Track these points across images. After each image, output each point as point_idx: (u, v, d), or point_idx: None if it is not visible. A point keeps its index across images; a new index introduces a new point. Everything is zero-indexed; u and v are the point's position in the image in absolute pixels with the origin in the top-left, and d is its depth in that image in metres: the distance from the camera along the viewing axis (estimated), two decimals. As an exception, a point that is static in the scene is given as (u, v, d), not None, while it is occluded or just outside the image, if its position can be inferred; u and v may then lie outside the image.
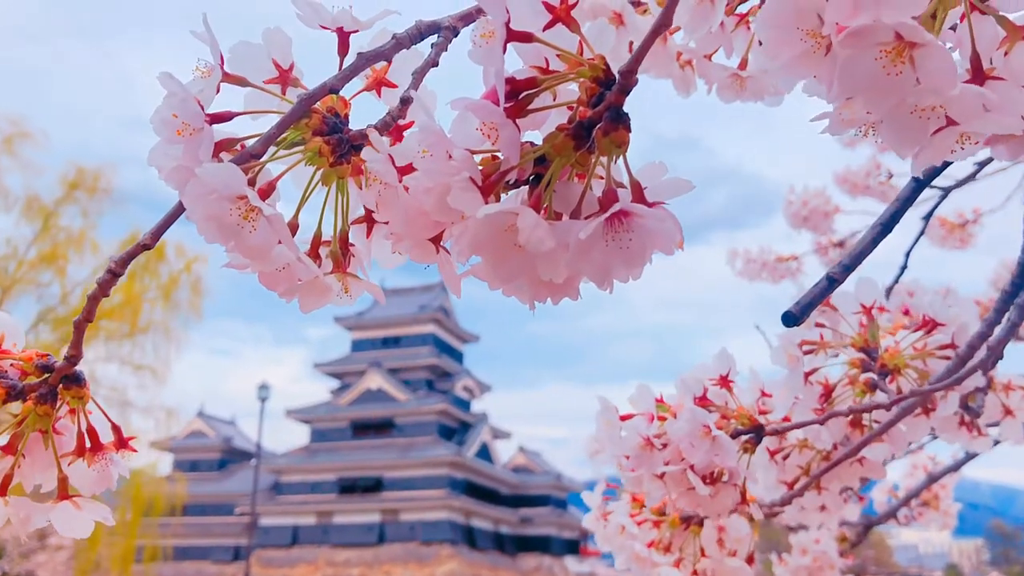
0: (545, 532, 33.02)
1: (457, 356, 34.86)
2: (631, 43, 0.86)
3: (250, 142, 0.50)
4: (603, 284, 0.45)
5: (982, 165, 1.22)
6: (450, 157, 0.43)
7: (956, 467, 1.84)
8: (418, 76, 0.51)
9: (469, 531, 30.58)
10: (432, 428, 31.06)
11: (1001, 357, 0.86)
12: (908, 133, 0.43)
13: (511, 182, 0.46)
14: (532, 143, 0.47)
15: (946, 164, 0.69)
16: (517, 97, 0.45)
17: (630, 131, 0.44)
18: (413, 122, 0.54)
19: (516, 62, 0.47)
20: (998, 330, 0.79)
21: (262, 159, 0.49)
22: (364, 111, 0.54)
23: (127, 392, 14.10)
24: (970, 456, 1.75)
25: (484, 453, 32.47)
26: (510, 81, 0.45)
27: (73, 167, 13.70)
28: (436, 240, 0.50)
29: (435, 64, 0.51)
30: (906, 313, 0.93)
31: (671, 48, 0.82)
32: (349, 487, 31.13)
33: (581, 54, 0.46)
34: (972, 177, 1.23)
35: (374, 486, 30.82)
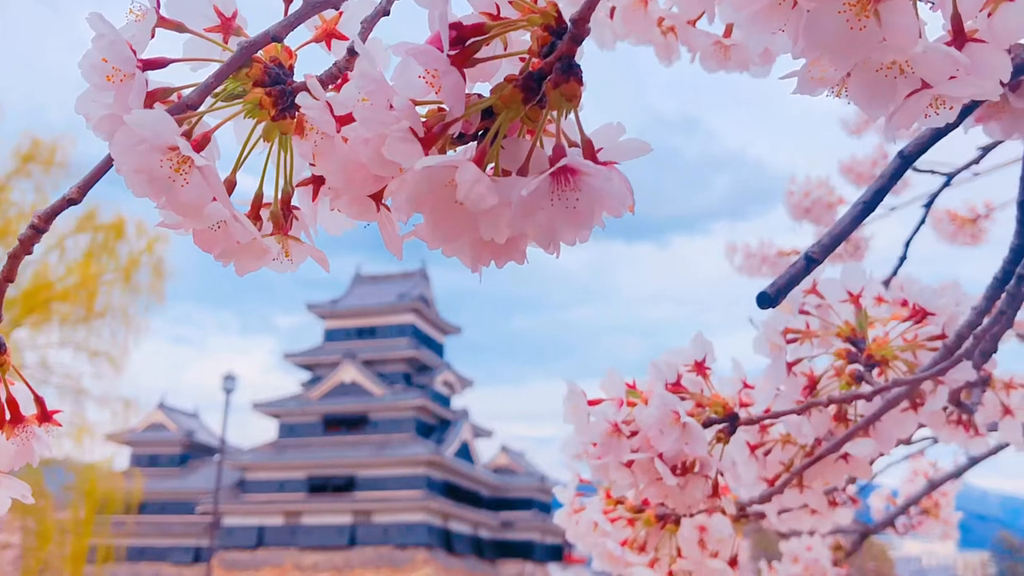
0: (527, 537, 33.14)
1: (437, 349, 34.86)
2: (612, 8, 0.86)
3: (187, 92, 0.50)
4: (548, 246, 0.45)
5: (987, 150, 1.22)
6: (391, 106, 0.43)
7: (958, 474, 1.85)
8: (367, 26, 0.51)
9: (446, 535, 30.65)
10: (409, 425, 31.08)
11: (994, 350, 0.87)
12: (875, 92, 0.43)
13: (457, 136, 0.46)
14: (480, 95, 0.47)
15: (933, 141, 0.69)
16: (463, 44, 0.45)
17: (582, 84, 0.44)
18: (364, 76, 0.54)
19: (467, 9, 0.47)
20: (987, 320, 0.80)
21: (199, 110, 0.49)
22: (315, 66, 0.54)
23: (82, 380, 14.00)
24: (973, 462, 1.76)
25: (464, 452, 32.53)
26: (455, 26, 0.45)
27: (28, 138, 13.58)
28: (376, 196, 0.49)
29: (386, 13, 0.51)
30: (904, 304, 0.93)
31: (652, 13, 0.82)
32: (319, 486, 31.12)
33: (535, 1, 0.46)
34: (976, 162, 1.24)
35: (346, 485, 30.83)
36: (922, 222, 1.44)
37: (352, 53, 0.49)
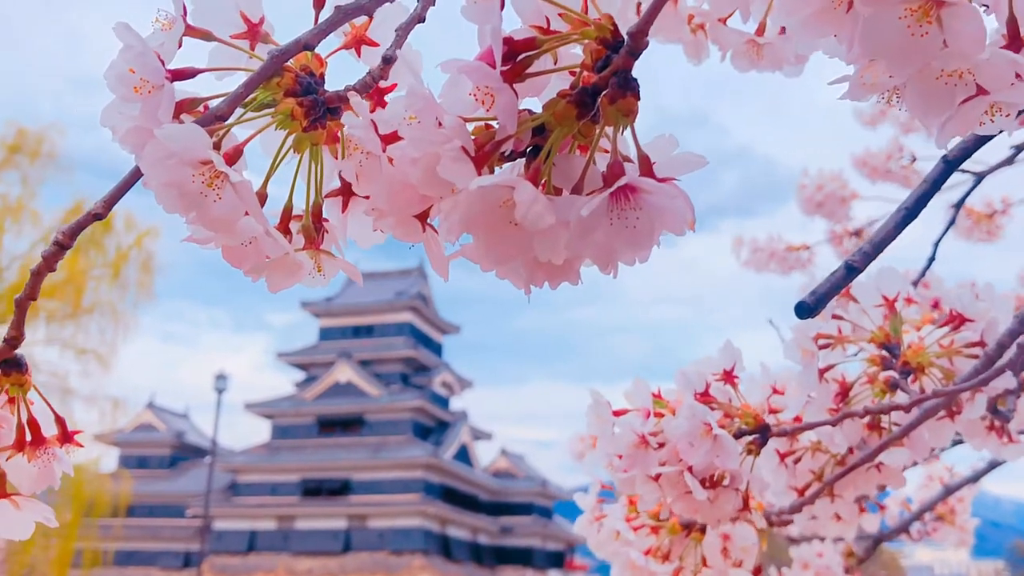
0: (528, 543, 33.17)
1: (436, 348, 34.87)
2: (639, 4, 0.86)
3: (215, 102, 0.50)
4: (606, 267, 0.45)
5: (1019, 149, 1.22)
6: (440, 124, 0.43)
7: (975, 479, 1.85)
8: (402, 33, 0.51)
9: (444, 540, 30.69)
10: (406, 427, 31.10)
11: (1033, 356, 0.87)
12: (934, 100, 0.43)
13: (506, 154, 0.46)
14: (530, 111, 0.47)
15: (979, 144, 0.69)
16: (515, 59, 0.45)
17: (639, 99, 0.44)
18: (395, 84, 0.54)
19: (515, 21, 0.47)
20: (1031, 327, 0.80)
21: (228, 121, 0.49)
22: (342, 72, 0.54)
23: (69, 379, 14.00)
24: (990, 467, 1.76)
25: (463, 455, 32.56)
26: (507, 41, 0.45)
27: (13, 128, 13.57)
28: (422, 217, 0.49)
29: (421, 20, 0.51)
30: (935, 306, 0.93)
31: (682, 10, 0.82)
32: (313, 489, 31.14)
33: (586, 12, 0.46)
34: (1009, 161, 1.24)
35: (341, 489, 30.85)
36: (951, 223, 1.44)
37: (387, 62, 0.49)
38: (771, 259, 3.09)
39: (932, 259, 1.36)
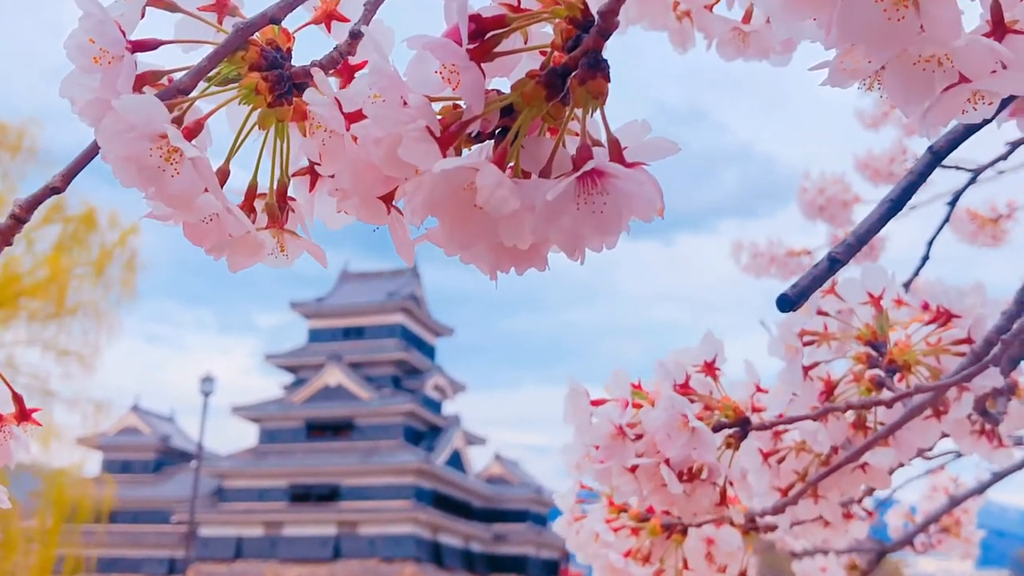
0: (521, 551, 33.15)
1: (428, 351, 34.84)
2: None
3: (179, 76, 0.50)
4: (573, 253, 0.45)
5: (1015, 145, 1.23)
6: (405, 103, 0.43)
7: (980, 490, 1.84)
8: (371, 8, 0.51)
9: (436, 548, 30.66)
10: (398, 431, 31.05)
11: (1022, 355, 0.87)
12: (912, 87, 0.44)
13: (473, 135, 0.46)
14: (499, 91, 0.47)
15: (966, 135, 0.69)
16: (483, 37, 0.45)
17: (609, 80, 0.45)
18: (366, 62, 0.54)
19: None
20: (1017, 324, 0.80)
21: (191, 95, 0.49)
22: (313, 49, 0.54)
23: (50, 381, 13.95)
24: (996, 478, 1.76)
25: (455, 461, 32.54)
26: (475, 18, 0.45)
27: (-8, 123, 13.54)
28: (387, 198, 0.49)
29: (391, -6, 0.51)
30: (926, 308, 0.94)
31: (667, -4, 0.82)
32: (302, 495, 31.10)
33: (557, -9, 0.46)
34: (1004, 158, 1.25)
35: (330, 495, 30.82)
36: (946, 221, 1.44)
37: (354, 37, 0.49)
38: (771, 264, 3.08)
39: (926, 258, 1.37)
